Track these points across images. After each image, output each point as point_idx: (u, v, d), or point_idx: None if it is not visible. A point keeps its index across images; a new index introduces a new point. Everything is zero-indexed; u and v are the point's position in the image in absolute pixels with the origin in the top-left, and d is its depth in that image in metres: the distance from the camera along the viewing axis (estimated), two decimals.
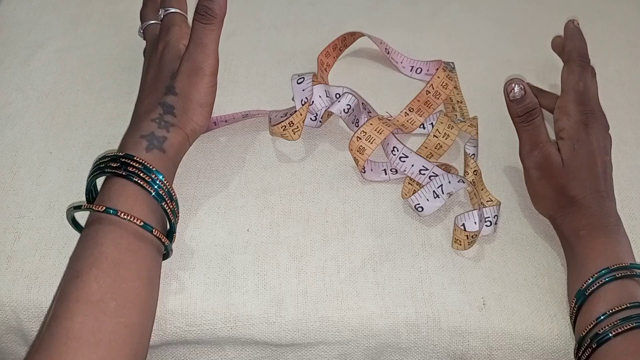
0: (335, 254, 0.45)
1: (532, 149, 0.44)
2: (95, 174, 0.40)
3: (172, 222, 0.41)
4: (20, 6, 0.60)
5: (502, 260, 0.45)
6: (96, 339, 0.34)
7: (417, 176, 0.47)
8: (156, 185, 0.39)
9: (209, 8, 0.42)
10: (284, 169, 0.49)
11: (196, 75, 0.43)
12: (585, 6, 0.64)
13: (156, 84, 0.44)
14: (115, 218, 0.38)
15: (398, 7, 0.62)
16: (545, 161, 0.44)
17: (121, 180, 0.39)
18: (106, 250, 0.37)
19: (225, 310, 0.42)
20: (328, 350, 0.43)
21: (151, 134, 0.41)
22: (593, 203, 0.42)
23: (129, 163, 0.39)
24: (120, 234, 0.38)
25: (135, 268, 0.38)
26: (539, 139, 0.44)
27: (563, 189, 0.43)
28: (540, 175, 0.44)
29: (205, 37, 0.43)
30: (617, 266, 0.39)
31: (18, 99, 0.52)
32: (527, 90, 0.44)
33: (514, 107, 0.44)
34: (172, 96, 0.43)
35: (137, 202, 0.39)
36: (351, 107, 0.49)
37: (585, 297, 0.39)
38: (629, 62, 0.59)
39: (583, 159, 0.44)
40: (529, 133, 0.44)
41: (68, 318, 0.35)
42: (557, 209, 0.44)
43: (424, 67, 0.55)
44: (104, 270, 0.36)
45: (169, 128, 0.42)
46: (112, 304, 0.36)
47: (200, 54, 0.43)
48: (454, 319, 0.42)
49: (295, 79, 0.50)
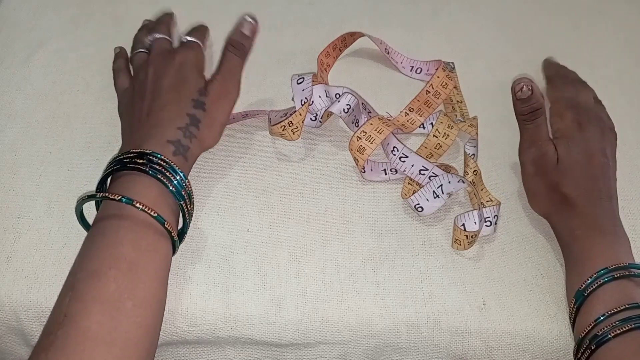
0: (335, 254, 0.45)
1: (530, 145, 0.46)
2: (115, 168, 0.40)
3: (186, 222, 0.42)
4: (20, 6, 0.60)
5: (502, 260, 0.45)
6: (112, 339, 0.35)
7: (417, 176, 0.47)
8: (177, 184, 0.40)
9: (243, 44, 0.48)
10: (284, 169, 0.49)
11: (225, 99, 0.47)
12: (585, 6, 0.64)
13: (179, 93, 0.45)
14: (134, 214, 0.38)
15: (398, 7, 0.62)
16: (541, 158, 0.45)
17: (143, 177, 0.40)
18: (125, 250, 0.37)
19: (225, 310, 0.42)
20: (328, 350, 0.43)
21: (178, 141, 0.42)
22: (588, 203, 0.43)
23: (155, 161, 0.40)
24: (141, 235, 0.38)
25: (152, 269, 0.38)
26: (539, 136, 0.45)
27: (556, 186, 0.44)
28: (535, 172, 0.45)
29: (236, 68, 0.48)
30: (615, 266, 0.39)
31: (18, 99, 0.52)
32: (534, 91, 0.45)
33: (519, 106, 0.46)
34: (201, 111, 0.44)
35: (158, 199, 0.39)
36: (351, 107, 0.49)
37: (584, 297, 0.40)
38: (629, 62, 0.59)
39: (577, 158, 0.44)
40: (530, 131, 0.46)
41: (85, 317, 0.35)
42: (551, 207, 0.44)
43: (424, 67, 0.55)
44: (122, 271, 0.37)
45: (192, 139, 0.43)
46: (129, 304, 0.36)
47: (231, 81, 0.47)
48: (454, 319, 0.42)
49: (295, 79, 0.50)
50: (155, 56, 0.48)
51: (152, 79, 0.46)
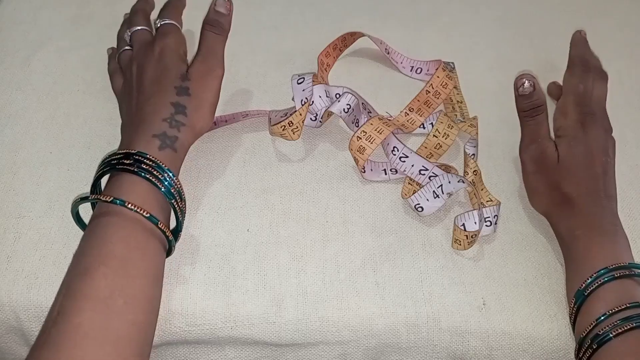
0: (335, 254, 0.45)
1: (530, 142, 0.45)
2: (104, 170, 0.41)
3: (179, 220, 0.41)
4: (20, 6, 0.60)
5: (502, 260, 0.45)
6: (103, 336, 0.35)
7: (417, 176, 0.47)
8: (167, 183, 0.40)
9: (219, 21, 0.47)
10: (284, 169, 0.49)
11: (210, 77, 0.46)
12: (586, 6, 0.64)
13: (160, 84, 0.44)
14: (124, 212, 0.38)
15: (398, 7, 0.63)
16: (541, 155, 0.44)
17: (132, 176, 0.40)
18: (115, 247, 0.37)
19: (225, 310, 0.42)
20: (328, 350, 0.43)
21: (163, 133, 0.42)
22: (588, 202, 0.42)
23: (142, 160, 0.40)
24: (130, 231, 0.38)
25: (143, 266, 0.38)
26: (539, 133, 0.45)
27: (557, 186, 0.43)
28: (535, 170, 0.45)
29: (216, 45, 0.47)
30: (615, 266, 0.39)
31: (18, 99, 0.52)
32: (536, 87, 0.45)
33: (521, 102, 0.45)
34: (186, 97, 0.44)
35: (147, 198, 0.39)
36: (351, 107, 0.49)
37: (584, 297, 0.39)
38: (629, 62, 0.59)
39: (579, 158, 0.44)
40: (530, 127, 0.46)
41: (76, 314, 0.35)
42: (552, 206, 0.44)
43: (424, 67, 0.55)
44: (112, 268, 0.37)
45: (180, 127, 0.43)
46: (120, 301, 0.36)
47: (213, 59, 0.46)
48: (454, 319, 0.42)
49: (295, 79, 0.50)
50: (136, 51, 0.48)
51: (136, 75, 0.46)
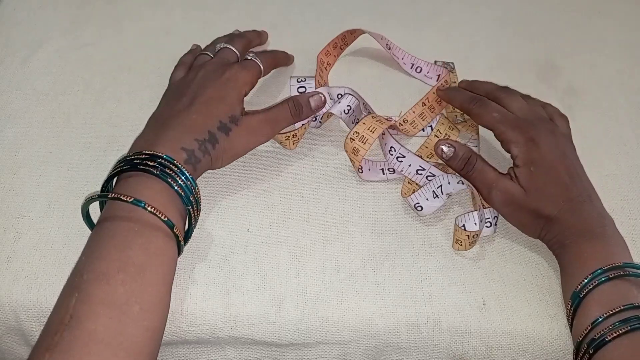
0: (335, 254, 0.45)
1: (489, 191, 0.45)
2: (124, 168, 0.40)
3: (192, 226, 0.41)
4: (20, 6, 0.60)
5: (502, 260, 0.45)
6: (118, 342, 0.34)
7: (415, 176, 0.47)
8: (187, 190, 0.40)
9: (303, 111, 0.48)
10: (284, 169, 0.49)
11: (253, 137, 0.46)
12: (585, 6, 0.64)
13: (209, 108, 0.44)
14: (144, 217, 0.38)
15: (398, 7, 0.63)
16: (507, 196, 0.44)
17: (152, 179, 0.39)
18: (134, 254, 0.37)
19: (225, 310, 0.42)
20: (328, 350, 0.43)
21: (192, 151, 0.42)
22: (569, 214, 0.42)
23: (167, 165, 0.40)
24: (149, 238, 0.38)
25: (160, 273, 0.38)
26: (489, 179, 0.45)
27: (536, 213, 0.43)
28: (511, 210, 0.45)
29: (283, 121, 0.47)
30: (610, 266, 0.39)
31: (18, 99, 0.52)
32: (455, 146, 0.45)
33: (453, 164, 0.46)
34: (224, 135, 0.44)
35: (168, 202, 0.39)
36: (351, 107, 0.49)
37: (580, 299, 0.39)
38: (629, 62, 0.59)
39: (544, 178, 0.43)
40: (478, 179, 0.45)
41: (92, 320, 0.35)
42: (540, 230, 0.44)
43: (424, 67, 0.55)
44: (131, 275, 0.36)
45: (204, 155, 0.43)
46: (136, 308, 0.36)
47: (269, 127, 0.47)
48: (454, 319, 0.42)
49: (294, 80, 0.50)
50: (211, 63, 0.48)
51: (194, 84, 0.46)
